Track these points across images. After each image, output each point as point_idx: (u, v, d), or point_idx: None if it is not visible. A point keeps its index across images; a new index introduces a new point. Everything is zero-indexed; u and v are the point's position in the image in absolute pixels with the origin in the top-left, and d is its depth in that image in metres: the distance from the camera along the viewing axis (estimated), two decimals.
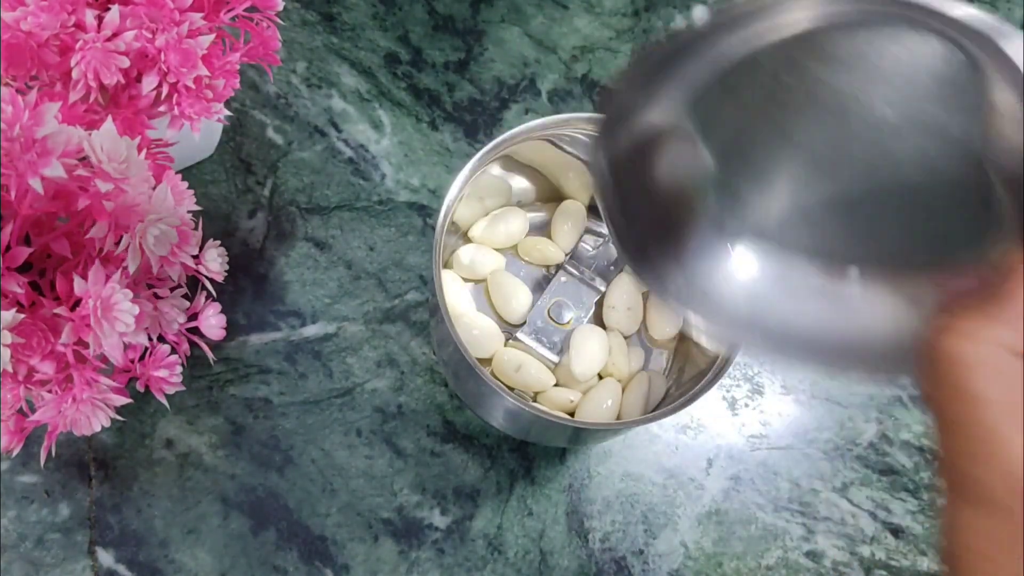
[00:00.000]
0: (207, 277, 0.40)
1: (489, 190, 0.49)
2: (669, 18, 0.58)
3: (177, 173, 0.38)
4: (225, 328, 0.42)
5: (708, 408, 0.51)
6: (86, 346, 0.33)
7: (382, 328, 0.50)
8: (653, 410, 0.45)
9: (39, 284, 0.35)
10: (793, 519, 0.50)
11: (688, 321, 0.29)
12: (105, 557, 0.45)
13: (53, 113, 0.31)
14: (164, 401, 0.40)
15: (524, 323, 0.48)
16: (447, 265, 0.49)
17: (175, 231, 0.35)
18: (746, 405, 0.52)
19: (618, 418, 0.46)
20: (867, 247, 0.28)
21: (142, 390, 0.40)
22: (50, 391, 0.35)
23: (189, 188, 0.38)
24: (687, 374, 0.47)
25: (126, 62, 0.35)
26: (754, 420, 0.51)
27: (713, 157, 0.28)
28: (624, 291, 0.49)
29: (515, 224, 0.49)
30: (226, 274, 0.41)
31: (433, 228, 0.42)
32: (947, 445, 0.24)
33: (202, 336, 0.41)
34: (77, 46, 0.35)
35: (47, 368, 0.34)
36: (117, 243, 0.34)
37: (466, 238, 0.50)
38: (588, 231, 0.50)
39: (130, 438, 0.46)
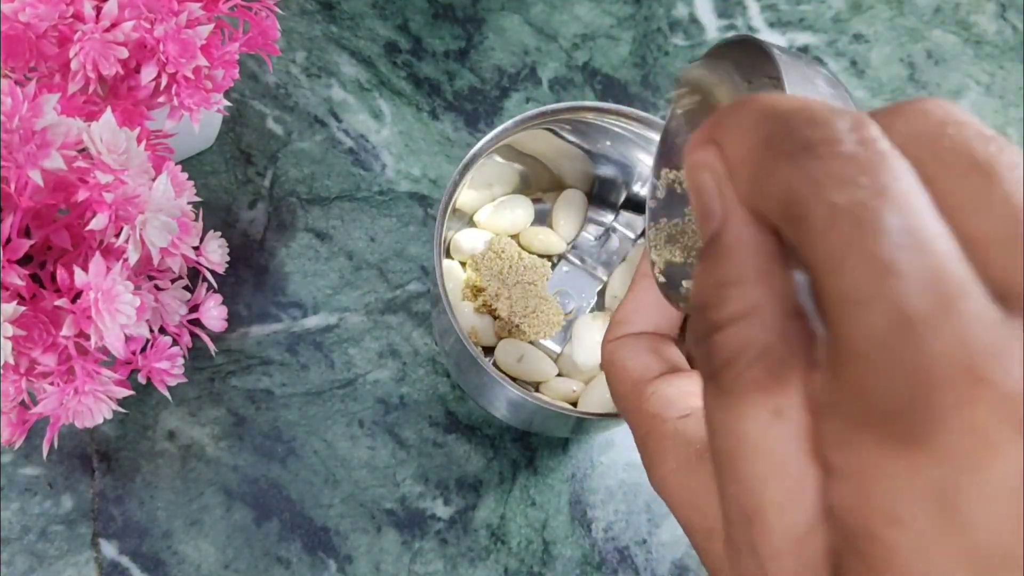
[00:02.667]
0: (208, 268, 0.40)
1: (498, 177, 0.48)
2: (671, 5, 0.58)
3: (177, 164, 0.38)
4: (226, 319, 0.42)
5: None
6: (87, 338, 0.33)
7: (383, 319, 0.50)
8: None
9: (40, 276, 0.34)
10: None
11: None
12: (108, 549, 0.45)
13: (52, 104, 0.31)
14: (166, 393, 0.40)
15: None
16: (447, 250, 0.49)
17: (175, 222, 0.35)
18: None
19: None
20: None
21: (144, 382, 0.39)
22: (52, 383, 0.35)
23: (189, 179, 0.38)
24: None
25: (125, 53, 0.35)
26: None
27: None
28: (627, 280, 0.49)
29: (521, 211, 0.49)
30: (227, 265, 0.41)
31: (434, 218, 0.42)
32: None
33: (203, 328, 0.41)
34: (76, 37, 0.34)
35: (48, 360, 0.34)
36: (117, 235, 0.34)
37: (472, 223, 0.50)
38: (590, 220, 0.50)
39: (132, 430, 0.46)
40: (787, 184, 0.15)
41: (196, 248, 0.39)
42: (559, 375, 0.47)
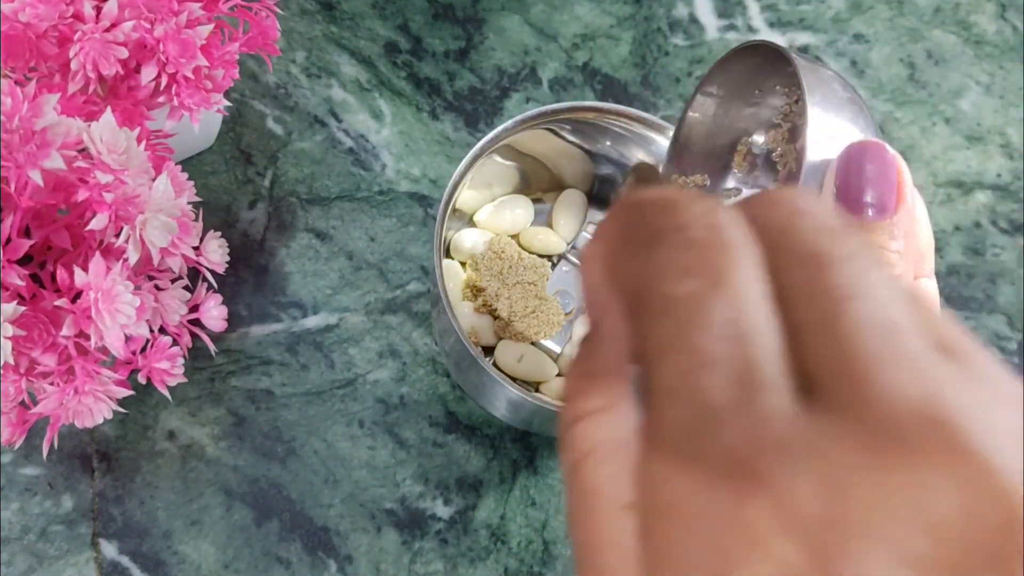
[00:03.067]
0: (208, 268, 0.40)
1: (498, 177, 0.48)
2: (671, 5, 0.58)
3: (177, 164, 0.38)
4: (226, 319, 0.42)
5: None
6: (87, 338, 0.33)
7: (383, 319, 0.50)
8: None
9: (40, 276, 0.34)
10: None
11: None
12: (108, 549, 0.45)
13: (52, 104, 0.31)
14: (166, 393, 0.40)
15: None
16: (447, 250, 0.49)
17: (175, 222, 0.35)
18: None
19: None
20: None
21: (144, 382, 0.39)
22: (52, 383, 0.35)
23: (189, 179, 0.38)
24: None
25: (125, 53, 0.35)
26: None
27: None
28: None
29: (521, 211, 0.49)
30: (227, 265, 0.41)
31: (434, 218, 0.42)
32: None
33: (203, 328, 0.41)
34: (76, 37, 0.34)
35: (48, 360, 0.34)
36: (117, 235, 0.34)
37: (472, 223, 0.50)
38: (590, 220, 0.50)
39: (132, 430, 0.46)
40: (635, 272, 0.15)
41: (196, 248, 0.39)
42: (559, 375, 0.47)
